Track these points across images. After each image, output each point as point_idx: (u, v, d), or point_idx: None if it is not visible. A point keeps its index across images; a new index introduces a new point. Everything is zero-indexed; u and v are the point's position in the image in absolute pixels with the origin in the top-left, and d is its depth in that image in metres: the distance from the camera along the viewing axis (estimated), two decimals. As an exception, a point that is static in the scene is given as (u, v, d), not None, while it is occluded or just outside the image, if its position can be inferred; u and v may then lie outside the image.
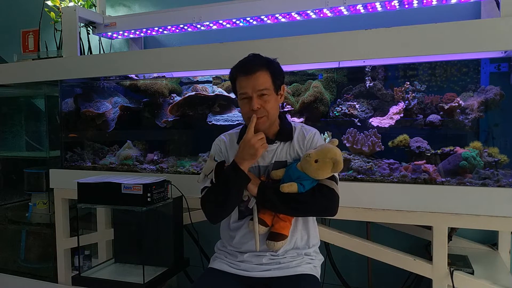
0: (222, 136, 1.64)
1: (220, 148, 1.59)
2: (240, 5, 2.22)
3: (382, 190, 1.72)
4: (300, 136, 1.55)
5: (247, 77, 1.44)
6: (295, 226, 1.52)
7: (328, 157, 1.39)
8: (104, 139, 2.54)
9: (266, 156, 1.53)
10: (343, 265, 2.21)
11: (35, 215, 2.70)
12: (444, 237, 1.65)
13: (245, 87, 1.44)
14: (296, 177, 1.43)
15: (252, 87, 1.44)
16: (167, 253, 1.93)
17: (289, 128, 1.55)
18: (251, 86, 1.44)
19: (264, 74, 1.45)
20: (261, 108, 1.45)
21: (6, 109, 3.14)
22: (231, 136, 1.61)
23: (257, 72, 1.44)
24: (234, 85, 1.52)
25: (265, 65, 1.46)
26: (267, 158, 1.53)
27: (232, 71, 1.51)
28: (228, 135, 1.63)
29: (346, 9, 2.07)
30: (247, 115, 1.48)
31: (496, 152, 1.74)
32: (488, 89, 1.83)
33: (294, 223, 1.52)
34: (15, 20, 3.28)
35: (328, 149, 1.41)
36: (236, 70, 1.49)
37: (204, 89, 2.28)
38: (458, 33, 1.59)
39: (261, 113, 1.46)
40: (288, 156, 1.53)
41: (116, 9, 2.99)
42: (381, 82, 2.01)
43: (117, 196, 1.76)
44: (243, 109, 1.49)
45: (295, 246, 1.52)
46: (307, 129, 1.58)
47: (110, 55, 2.57)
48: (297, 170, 1.44)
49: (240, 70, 1.47)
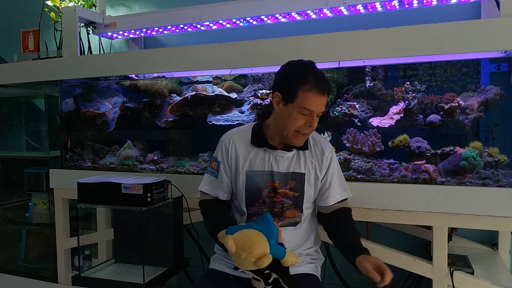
0: (231, 134, 1.55)
1: (228, 149, 1.52)
2: (240, 5, 2.22)
3: (382, 190, 1.72)
4: (318, 149, 1.53)
5: (321, 96, 1.38)
6: (297, 227, 1.52)
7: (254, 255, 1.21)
8: (104, 139, 2.54)
9: (280, 162, 1.49)
10: (343, 265, 2.21)
11: (35, 215, 2.70)
12: (444, 237, 1.65)
13: (315, 105, 1.38)
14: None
15: (320, 107, 1.39)
16: (167, 253, 1.93)
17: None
18: (320, 106, 1.39)
19: (327, 98, 1.43)
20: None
21: (6, 109, 3.14)
22: (242, 135, 1.54)
23: (326, 95, 1.41)
24: (295, 90, 1.38)
25: (329, 90, 1.44)
26: (282, 164, 1.49)
27: (302, 79, 1.37)
28: (238, 133, 1.55)
29: (346, 9, 2.07)
30: (297, 129, 1.41)
31: (496, 152, 1.74)
32: (488, 89, 1.83)
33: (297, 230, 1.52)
34: (15, 20, 3.28)
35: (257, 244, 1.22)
36: (311, 83, 1.36)
37: (204, 89, 2.28)
38: (458, 33, 1.59)
39: (311, 131, 1.44)
40: (306, 169, 1.50)
41: (116, 9, 2.99)
42: (381, 82, 2.01)
43: (117, 196, 1.76)
44: (296, 121, 1.40)
45: (297, 246, 1.52)
46: (324, 143, 1.56)
47: (110, 55, 2.57)
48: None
49: (316, 86, 1.37)
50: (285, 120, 1.42)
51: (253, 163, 1.49)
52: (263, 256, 1.20)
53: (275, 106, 1.45)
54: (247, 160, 1.50)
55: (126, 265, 2.01)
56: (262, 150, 1.50)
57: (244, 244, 1.22)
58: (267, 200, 1.48)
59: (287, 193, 1.48)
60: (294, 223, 1.51)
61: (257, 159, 1.49)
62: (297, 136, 1.43)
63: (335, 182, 1.53)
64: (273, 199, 1.48)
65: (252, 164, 1.49)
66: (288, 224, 1.50)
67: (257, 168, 1.49)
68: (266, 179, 1.48)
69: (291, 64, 1.45)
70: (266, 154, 1.49)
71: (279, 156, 1.49)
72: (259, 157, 1.49)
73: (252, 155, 1.50)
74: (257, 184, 1.48)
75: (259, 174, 1.48)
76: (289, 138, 1.43)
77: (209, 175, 1.57)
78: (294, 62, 1.45)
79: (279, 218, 1.48)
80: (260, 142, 1.50)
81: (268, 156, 1.49)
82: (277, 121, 1.46)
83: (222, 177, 1.53)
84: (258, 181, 1.48)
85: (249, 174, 1.49)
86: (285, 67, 1.46)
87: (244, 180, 1.49)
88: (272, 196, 1.48)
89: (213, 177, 1.55)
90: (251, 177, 1.49)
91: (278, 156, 1.49)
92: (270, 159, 1.49)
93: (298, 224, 1.51)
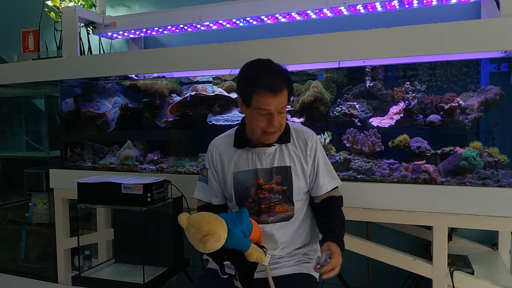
0: (214, 141, 1.60)
1: (212, 155, 1.56)
2: (240, 5, 2.22)
3: (382, 190, 1.72)
4: (301, 140, 1.53)
5: (273, 96, 1.37)
6: (291, 222, 1.52)
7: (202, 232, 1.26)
8: (104, 139, 2.54)
9: (263, 158, 1.50)
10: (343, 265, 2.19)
11: (35, 215, 2.70)
12: (444, 237, 1.65)
13: (269, 104, 1.37)
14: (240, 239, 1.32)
15: (275, 106, 1.39)
16: (167, 253, 1.93)
17: (287, 129, 1.53)
18: (275, 105, 1.38)
19: (285, 92, 1.41)
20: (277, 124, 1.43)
21: (6, 109, 3.14)
22: (225, 140, 1.58)
23: (282, 91, 1.39)
24: (249, 94, 1.39)
25: (286, 83, 1.40)
26: (265, 160, 1.50)
27: (253, 82, 1.39)
28: (221, 139, 1.59)
29: (346, 9, 2.07)
30: (262, 129, 1.42)
31: (496, 152, 1.74)
32: (488, 89, 1.83)
33: (293, 224, 1.52)
34: (15, 20, 3.28)
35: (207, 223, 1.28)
36: (260, 85, 1.37)
37: (204, 89, 2.28)
38: (458, 33, 1.58)
39: (276, 128, 1.44)
40: (291, 162, 1.51)
41: (116, 9, 2.99)
42: (381, 82, 2.01)
43: (117, 196, 1.76)
44: (259, 123, 1.41)
45: (294, 246, 1.53)
46: (307, 133, 1.55)
47: (110, 55, 2.57)
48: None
49: (265, 87, 1.36)
50: (250, 122, 1.45)
51: (238, 164, 1.52)
52: (210, 234, 1.24)
53: (240, 108, 1.49)
54: (232, 163, 1.53)
55: (126, 265, 2.01)
56: (245, 150, 1.52)
57: (194, 221, 1.28)
58: (255, 198, 1.50)
59: (274, 188, 1.49)
60: (287, 217, 1.51)
61: (241, 160, 1.52)
62: (266, 134, 1.44)
63: (323, 171, 1.54)
64: (259, 196, 1.50)
65: (237, 165, 1.52)
66: (281, 219, 1.51)
67: (242, 168, 1.51)
68: (251, 178, 1.50)
69: (245, 66, 1.46)
70: (249, 154, 1.52)
71: (261, 153, 1.50)
72: (243, 158, 1.52)
73: (236, 157, 1.53)
74: (244, 183, 1.51)
75: (244, 174, 1.51)
76: (261, 138, 1.45)
77: (201, 182, 1.61)
78: (249, 63, 1.46)
79: (269, 214, 1.49)
80: (241, 143, 1.53)
81: (252, 155, 1.51)
82: (248, 122, 1.49)
83: (211, 183, 1.57)
84: (245, 181, 1.51)
85: (236, 175, 1.52)
86: (241, 69, 1.47)
87: (232, 182, 1.52)
88: (259, 193, 1.50)
89: (204, 183, 1.59)
90: (238, 178, 1.51)
91: (260, 153, 1.51)
92: (253, 157, 1.51)
93: (292, 219, 1.52)
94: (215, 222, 1.28)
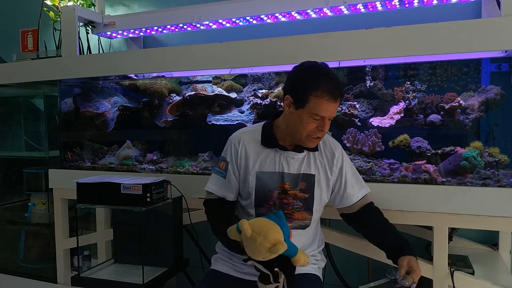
0: (240, 134, 1.52)
1: (237, 150, 1.48)
2: (240, 5, 2.21)
3: (382, 190, 1.72)
4: (328, 150, 1.52)
5: (332, 101, 1.34)
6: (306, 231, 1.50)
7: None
8: (103, 139, 2.53)
9: (291, 163, 1.47)
10: (343, 265, 2.20)
11: (34, 215, 2.69)
12: (445, 237, 1.64)
13: (326, 110, 1.34)
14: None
15: (331, 113, 1.36)
16: (166, 253, 1.93)
17: None
18: (331, 111, 1.36)
19: (339, 101, 1.38)
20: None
21: (5, 109, 3.13)
22: (251, 135, 1.51)
23: (338, 99, 1.36)
24: (306, 94, 1.34)
25: (341, 94, 1.38)
26: (293, 166, 1.47)
27: (314, 83, 1.34)
28: (247, 133, 1.52)
29: (346, 9, 2.07)
30: (309, 133, 1.39)
31: (497, 152, 1.74)
32: (489, 89, 1.82)
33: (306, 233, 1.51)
34: (14, 20, 3.27)
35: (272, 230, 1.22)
36: (322, 88, 1.33)
37: (204, 88, 2.28)
38: (459, 32, 1.58)
39: (323, 134, 1.42)
40: (316, 170, 1.48)
41: (115, 9, 2.99)
42: (382, 81, 2.01)
43: (116, 196, 1.75)
44: (308, 126, 1.37)
45: (303, 247, 1.50)
46: (333, 144, 1.54)
47: (109, 55, 2.56)
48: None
49: (327, 90, 1.32)
50: (296, 124, 1.39)
51: (264, 164, 1.47)
52: (279, 243, 1.18)
53: (285, 108, 1.42)
54: (257, 161, 1.47)
55: (125, 266, 2.01)
56: (273, 151, 1.47)
57: (260, 229, 1.20)
58: (277, 201, 1.46)
59: (298, 194, 1.46)
60: (304, 226, 1.49)
61: (268, 160, 1.47)
62: (310, 139, 1.41)
63: (351, 180, 1.52)
64: (283, 201, 1.46)
65: (262, 165, 1.47)
66: (297, 227, 1.48)
67: (267, 169, 1.46)
68: (276, 180, 1.46)
69: (304, 66, 1.40)
70: (276, 155, 1.47)
71: (290, 157, 1.47)
72: (270, 158, 1.47)
73: (263, 156, 1.47)
74: (267, 185, 1.46)
75: (269, 175, 1.46)
76: (302, 141, 1.42)
77: (216, 175, 1.53)
78: (307, 64, 1.41)
79: (288, 220, 1.45)
80: (271, 143, 1.47)
81: (279, 157, 1.47)
82: (288, 124, 1.44)
83: (230, 178, 1.50)
84: (269, 182, 1.46)
85: (259, 175, 1.46)
86: (298, 69, 1.41)
87: (254, 181, 1.46)
88: (283, 198, 1.46)
89: (221, 177, 1.51)
90: (261, 178, 1.46)
91: (288, 157, 1.47)
92: (281, 160, 1.46)
93: (307, 228, 1.50)
94: (278, 229, 1.22)
